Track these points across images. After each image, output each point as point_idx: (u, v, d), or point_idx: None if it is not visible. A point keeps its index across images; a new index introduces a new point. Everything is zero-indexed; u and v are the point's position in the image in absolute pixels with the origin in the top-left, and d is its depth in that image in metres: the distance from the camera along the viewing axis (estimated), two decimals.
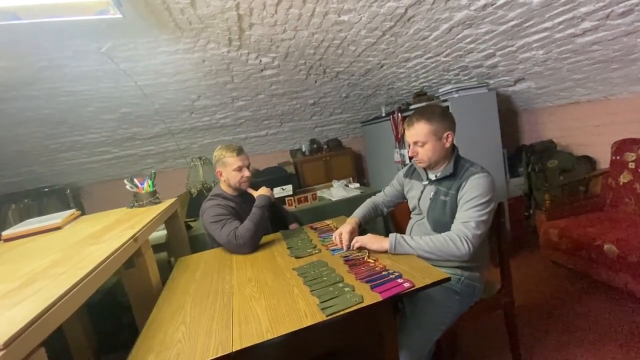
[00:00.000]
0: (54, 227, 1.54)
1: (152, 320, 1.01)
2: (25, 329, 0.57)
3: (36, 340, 0.59)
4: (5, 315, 0.63)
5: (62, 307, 0.68)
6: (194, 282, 1.25)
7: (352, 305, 0.87)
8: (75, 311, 1.81)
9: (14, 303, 0.69)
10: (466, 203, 1.17)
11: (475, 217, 1.14)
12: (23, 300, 0.69)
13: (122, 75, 2.40)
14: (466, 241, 1.12)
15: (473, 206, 1.15)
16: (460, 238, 1.12)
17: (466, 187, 1.19)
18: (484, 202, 1.15)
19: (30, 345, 0.57)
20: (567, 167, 2.55)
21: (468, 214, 1.15)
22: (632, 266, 1.62)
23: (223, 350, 0.77)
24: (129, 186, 1.79)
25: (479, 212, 1.14)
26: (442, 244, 1.14)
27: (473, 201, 1.16)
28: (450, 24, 1.91)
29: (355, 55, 2.55)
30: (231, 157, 1.64)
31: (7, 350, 0.52)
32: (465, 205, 1.17)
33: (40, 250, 1.19)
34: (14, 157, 3.09)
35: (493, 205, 1.19)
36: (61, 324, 1.74)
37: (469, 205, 1.16)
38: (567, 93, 2.51)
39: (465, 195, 1.18)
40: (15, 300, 0.70)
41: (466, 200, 1.18)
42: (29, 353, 0.57)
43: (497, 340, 1.64)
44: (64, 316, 0.69)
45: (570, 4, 1.56)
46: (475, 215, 1.14)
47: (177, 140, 3.59)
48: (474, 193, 1.16)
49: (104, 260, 0.92)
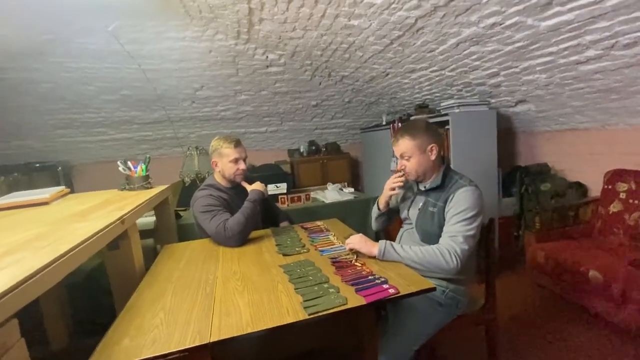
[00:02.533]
0: (41, 202, 1.52)
1: (131, 305, 0.99)
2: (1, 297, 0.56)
3: (10, 310, 0.57)
4: None
5: (40, 280, 0.67)
6: (177, 270, 1.24)
7: (336, 307, 0.87)
8: (54, 291, 1.77)
9: None
10: (454, 217, 1.18)
11: (463, 232, 1.15)
12: (3, 269, 0.68)
13: (127, 57, 2.39)
14: (455, 256, 1.12)
15: (461, 220, 1.16)
16: (450, 252, 1.13)
17: (454, 201, 1.20)
18: (471, 216, 1.16)
19: (5, 314, 0.56)
20: (560, 191, 2.58)
21: (456, 228, 1.16)
22: (614, 294, 1.63)
23: (201, 339, 0.76)
24: (122, 168, 1.77)
25: (467, 227, 1.15)
26: (431, 256, 1.14)
27: (460, 215, 1.17)
28: (458, 39, 1.93)
29: (361, 61, 2.57)
30: (228, 149, 1.62)
31: None
32: (453, 219, 1.18)
33: (25, 223, 1.17)
34: (10, 128, 3.05)
35: (481, 219, 1.20)
36: (40, 304, 1.70)
37: (457, 219, 1.17)
38: (566, 119, 2.54)
39: (452, 208, 1.19)
40: None
41: (454, 214, 1.19)
42: (1, 322, 0.55)
43: (475, 356, 1.64)
44: (41, 290, 0.67)
45: (577, 31, 1.59)
46: (463, 229, 1.15)
47: (176, 128, 3.57)
48: (462, 207, 1.17)
49: (88, 238, 0.90)
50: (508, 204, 2.77)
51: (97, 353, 0.75)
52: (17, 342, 0.59)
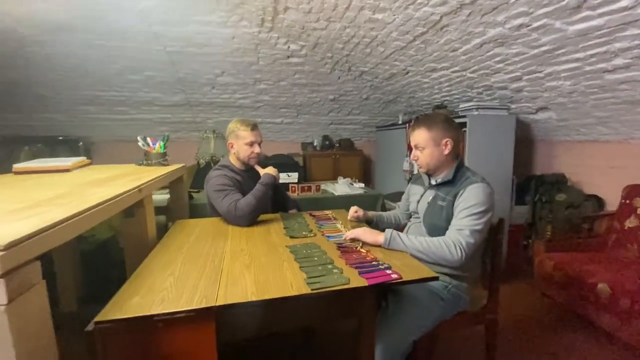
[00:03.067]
0: (63, 169, 1.58)
1: (142, 269, 1.03)
2: (25, 239, 0.60)
3: (34, 252, 0.61)
4: (9, 225, 0.66)
5: (61, 230, 0.71)
6: (188, 243, 1.27)
7: (338, 285, 0.88)
8: (69, 256, 1.84)
9: (19, 219, 0.72)
10: (462, 211, 1.18)
11: (470, 226, 1.15)
12: (27, 218, 0.72)
13: (153, 38, 2.45)
14: (460, 248, 1.13)
15: (469, 215, 1.16)
16: (455, 244, 1.13)
17: (463, 196, 1.20)
18: (480, 212, 1.16)
19: (28, 255, 0.60)
20: (575, 203, 2.52)
21: (464, 222, 1.17)
22: (622, 309, 1.60)
23: (207, 303, 0.79)
24: (141, 143, 1.83)
25: (475, 221, 1.15)
26: (436, 247, 1.15)
27: (469, 210, 1.17)
28: (482, 39, 1.91)
29: (382, 57, 2.56)
30: (245, 131, 1.66)
31: (7, 252, 0.55)
32: (461, 213, 1.18)
33: (48, 185, 1.23)
34: (37, 100, 3.17)
35: (489, 216, 1.19)
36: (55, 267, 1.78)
37: (465, 213, 1.17)
38: (587, 130, 2.48)
39: (462, 203, 1.19)
40: (20, 217, 0.73)
41: (462, 209, 1.19)
42: (25, 262, 0.59)
43: (473, 355, 1.64)
44: (62, 239, 0.71)
45: (606, 37, 1.56)
46: (470, 224, 1.15)
47: (194, 112, 3.64)
48: (471, 202, 1.17)
49: (107, 200, 0.95)
50: (520, 213, 2.73)
51: (109, 306, 0.78)
52: (39, 282, 0.63)
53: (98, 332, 0.73)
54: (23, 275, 0.59)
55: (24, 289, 0.59)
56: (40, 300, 0.64)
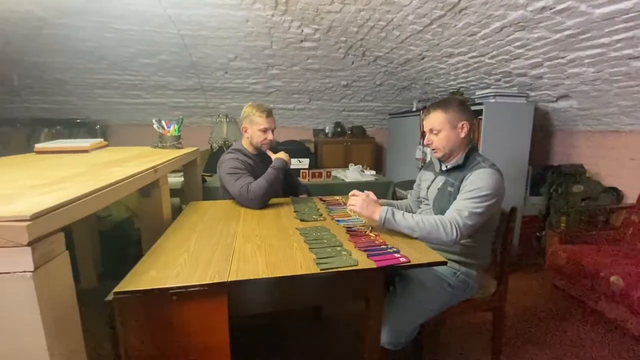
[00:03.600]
0: (82, 150, 1.63)
1: (157, 246, 1.07)
2: (50, 211, 0.63)
3: (57, 223, 0.64)
4: (34, 198, 0.69)
5: (83, 205, 0.74)
6: (201, 223, 1.31)
7: (347, 266, 0.90)
8: (88, 235, 1.92)
9: (43, 193, 0.75)
10: (465, 193, 1.17)
11: (470, 208, 1.14)
12: (50, 192, 0.75)
13: (167, 21, 2.45)
14: (456, 228, 1.12)
15: (471, 197, 1.15)
16: (451, 224, 1.12)
17: (470, 179, 1.19)
18: (483, 195, 1.14)
19: (52, 226, 0.63)
20: (592, 195, 2.46)
21: (464, 203, 1.15)
22: (634, 302, 1.58)
23: (220, 278, 0.82)
24: (156, 126, 1.86)
25: (475, 204, 1.14)
26: (432, 226, 1.13)
27: (472, 192, 1.15)
28: (502, 22, 1.84)
29: (398, 42, 2.51)
30: (260, 117, 1.66)
31: (33, 222, 0.58)
32: (464, 195, 1.17)
33: (68, 164, 1.27)
34: (54, 84, 3.24)
35: (493, 202, 1.16)
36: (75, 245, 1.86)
37: (468, 195, 1.16)
38: (610, 119, 2.39)
39: (467, 186, 1.18)
40: (44, 191, 0.76)
41: (466, 191, 1.18)
42: (49, 232, 0.62)
43: (480, 342, 1.65)
44: (83, 213, 0.74)
45: (634, 21, 1.48)
46: (471, 205, 1.14)
47: (207, 97, 3.66)
48: (475, 185, 1.16)
49: (125, 178, 0.98)
50: (534, 204, 2.68)
51: (127, 279, 0.82)
52: (62, 252, 0.66)
53: (117, 302, 0.77)
54: (47, 245, 0.62)
55: (48, 257, 0.62)
56: (64, 269, 0.68)
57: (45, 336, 0.61)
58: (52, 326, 0.62)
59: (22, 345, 0.61)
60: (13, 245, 0.56)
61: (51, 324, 0.62)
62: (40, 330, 0.60)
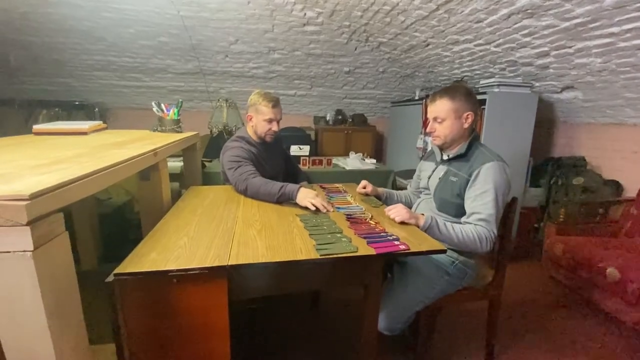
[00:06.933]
0: (80, 132, 1.62)
1: (157, 229, 1.07)
2: (49, 191, 0.62)
3: (56, 203, 0.64)
4: (34, 178, 0.69)
5: (82, 185, 0.73)
6: (201, 207, 1.31)
7: (346, 252, 0.90)
8: (88, 217, 1.92)
9: (42, 173, 0.74)
10: (481, 195, 1.16)
11: (494, 213, 1.15)
12: (48, 173, 0.75)
13: (167, 1, 2.39)
14: (490, 242, 1.15)
15: (488, 200, 1.15)
16: (487, 239, 1.14)
17: (480, 177, 1.18)
18: (497, 195, 1.15)
19: (51, 206, 0.62)
20: (592, 187, 2.46)
21: (487, 208, 1.15)
22: (629, 294, 1.59)
23: (219, 262, 0.82)
24: (156, 109, 1.83)
25: (494, 205, 1.15)
26: (470, 241, 1.14)
27: (487, 194, 1.15)
28: (510, 9, 1.80)
29: (402, 27, 2.45)
30: (266, 107, 1.63)
31: (32, 202, 0.57)
32: (481, 198, 1.16)
33: (66, 145, 1.25)
34: (52, 65, 3.18)
35: (507, 195, 1.19)
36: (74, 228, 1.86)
37: (484, 199, 1.15)
38: (614, 112, 2.37)
39: (479, 185, 1.17)
40: (43, 171, 0.76)
41: (480, 192, 1.16)
42: (49, 212, 0.62)
43: (475, 331, 1.68)
44: (82, 194, 0.74)
45: None
46: (493, 211, 1.15)
47: (207, 81, 3.60)
48: (488, 184, 1.16)
49: (125, 160, 0.97)
50: (534, 195, 2.68)
51: (127, 261, 0.82)
52: (62, 232, 0.66)
53: (117, 283, 0.77)
54: (47, 225, 0.62)
55: (48, 237, 0.62)
56: (64, 249, 0.67)
57: (46, 315, 0.61)
58: (52, 305, 0.63)
59: (23, 323, 0.62)
60: (12, 224, 0.56)
61: (52, 303, 0.63)
62: (41, 309, 0.61)
